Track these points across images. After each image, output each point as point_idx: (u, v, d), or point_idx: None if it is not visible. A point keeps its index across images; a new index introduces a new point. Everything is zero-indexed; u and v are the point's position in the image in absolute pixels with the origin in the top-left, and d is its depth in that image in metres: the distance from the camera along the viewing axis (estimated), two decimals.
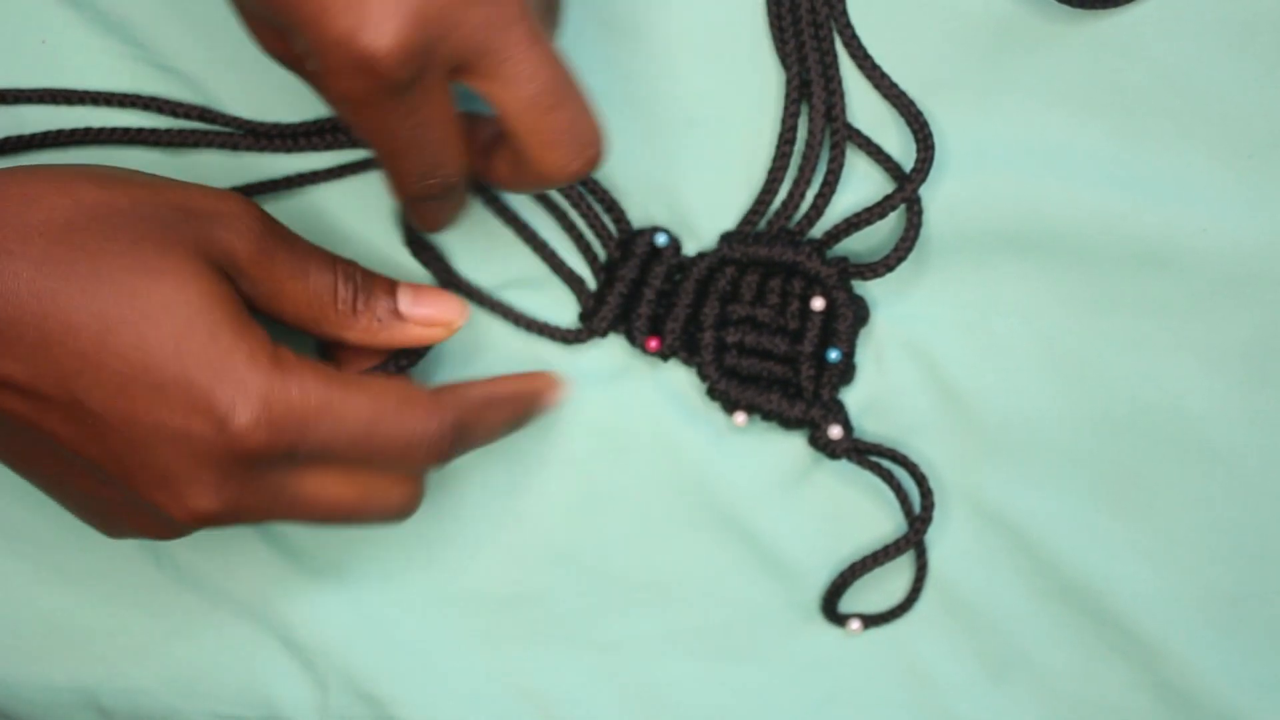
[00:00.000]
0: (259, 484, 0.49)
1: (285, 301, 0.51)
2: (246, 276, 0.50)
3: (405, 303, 0.53)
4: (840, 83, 0.56)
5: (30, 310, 0.47)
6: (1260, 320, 0.57)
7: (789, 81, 0.56)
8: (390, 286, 0.53)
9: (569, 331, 0.57)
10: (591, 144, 0.48)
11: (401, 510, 0.52)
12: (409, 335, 0.53)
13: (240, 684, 0.59)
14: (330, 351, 0.55)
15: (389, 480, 0.51)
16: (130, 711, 0.60)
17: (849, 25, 0.56)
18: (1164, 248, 0.56)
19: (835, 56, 0.56)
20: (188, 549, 0.59)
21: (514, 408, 0.55)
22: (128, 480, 0.48)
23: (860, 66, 0.56)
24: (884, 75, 0.56)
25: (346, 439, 0.49)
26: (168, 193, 0.49)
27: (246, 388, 0.47)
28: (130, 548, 0.59)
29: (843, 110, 0.56)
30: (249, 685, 0.59)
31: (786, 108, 0.56)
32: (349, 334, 0.53)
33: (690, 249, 0.57)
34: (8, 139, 0.57)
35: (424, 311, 0.53)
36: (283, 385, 0.48)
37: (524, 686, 0.59)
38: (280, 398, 0.47)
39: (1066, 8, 0.55)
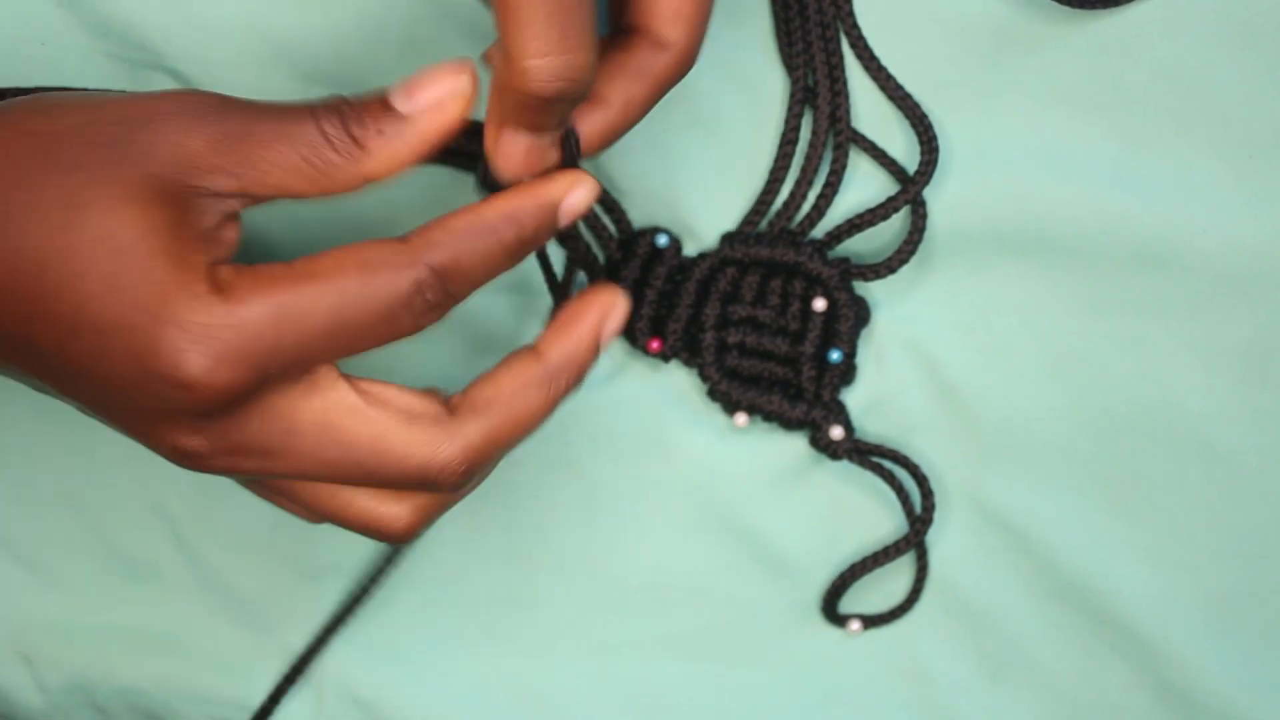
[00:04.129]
0: (250, 419, 0.44)
1: (280, 175, 0.44)
2: (219, 170, 0.44)
3: (401, 100, 0.45)
4: (845, 85, 0.56)
5: None
6: (1260, 320, 0.57)
7: (794, 84, 0.55)
8: (379, 95, 0.46)
9: None
10: (576, 49, 0.43)
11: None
12: (426, 130, 0.45)
13: (238, 685, 0.59)
14: None
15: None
16: (128, 711, 0.60)
17: (855, 26, 0.55)
18: (1164, 248, 0.56)
19: (841, 58, 0.56)
20: (186, 551, 0.59)
21: (515, 226, 0.46)
22: (111, 419, 0.45)
23: (866, 68, 0.56)
24: (890, 77, 0.55)
25: (319, 337, 0.44)
26: (110, 108, 0.44)
27: (189, 328, 0.42)
28: (130, 548, 0.59)
29: (847, 113, 0.56)
30: (247, 686, 0.59)
31: (790, 109, 0.55)
32: (367, 168, 0.45)
33: (691, 250, 0.57)
34: None
35: (426, 96, 0.45)
36: (227, 313, 0.42)
37: (523, 688, 0.59)
38: (227, 327, 0.42)
39: (1067, 9, 0.55)
